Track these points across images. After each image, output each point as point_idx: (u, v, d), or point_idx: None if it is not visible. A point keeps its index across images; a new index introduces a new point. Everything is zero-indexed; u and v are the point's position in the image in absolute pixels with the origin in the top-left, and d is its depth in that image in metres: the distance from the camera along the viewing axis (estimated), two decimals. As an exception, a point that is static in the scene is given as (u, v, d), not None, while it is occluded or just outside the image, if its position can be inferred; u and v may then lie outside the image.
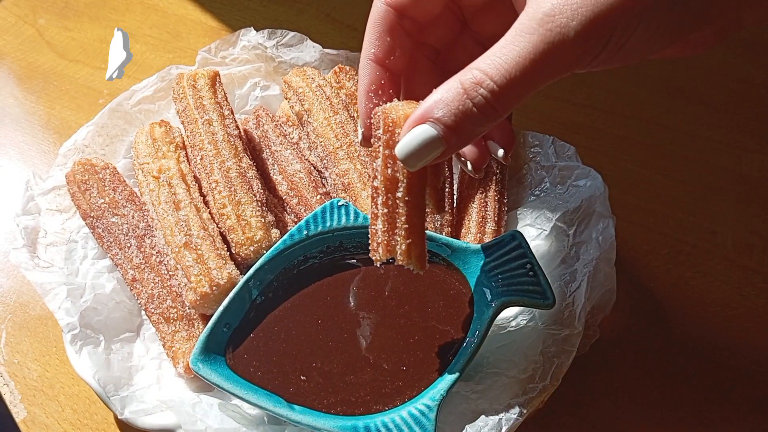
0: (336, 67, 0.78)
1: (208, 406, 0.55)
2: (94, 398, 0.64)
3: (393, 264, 0.47)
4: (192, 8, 1.06)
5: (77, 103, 0.93)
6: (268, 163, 0.74)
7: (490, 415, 0.53)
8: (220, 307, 0.57)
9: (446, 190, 0.70)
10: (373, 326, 0.57)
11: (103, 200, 0.68)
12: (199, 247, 0.62)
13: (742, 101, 0.88)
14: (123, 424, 0.61)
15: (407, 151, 0.41)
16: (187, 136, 0.70)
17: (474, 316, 0.56)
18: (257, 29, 0.85)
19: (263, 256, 0.60)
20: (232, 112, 0.72)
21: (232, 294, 0.58)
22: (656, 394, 0.63)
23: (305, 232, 0.61)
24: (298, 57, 0.84)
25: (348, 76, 0.78)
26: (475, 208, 0.69)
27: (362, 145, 0.51)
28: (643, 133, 0.85)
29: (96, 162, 0.72)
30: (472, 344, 0.54)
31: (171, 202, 0.65)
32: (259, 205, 0.66)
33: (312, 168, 0.73)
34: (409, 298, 0.58)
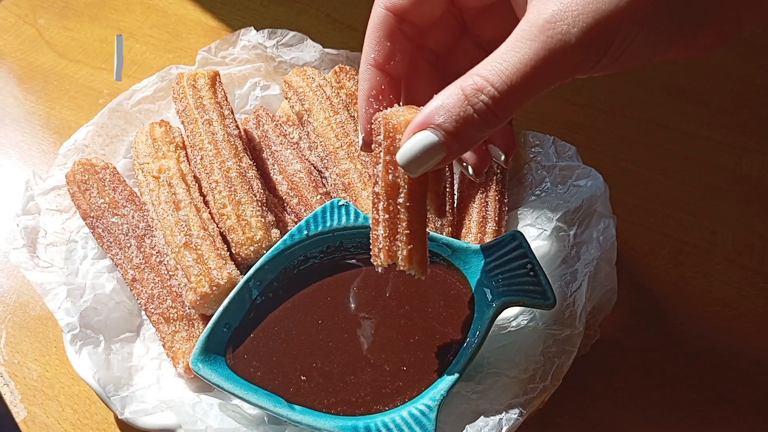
0: (336, 67, 0.78)
1: (208, 406, 0.55)
2: (94, 398, 0.64)
3: (394, 269, 0.47)
4: (192, 8, 1.06)
5: (77, 102, 0.93)
6: (269, 163, 0.74)
7: (490, 416, 0.53)
8: (220, 307, 0.57)
9: (447, 194, 0.70)
10: (373, 326, 0.57)
11: (103, 200, 0.68)
12: (199, 247, 0.62)
13: (742, 101, 0.88)
14: (123, 424, 0.61)
15: (408, 157, 0.42)
16: (187, 136, 0.70)
17: (474, 316, 0.56)
18: (257, 29, 0.85)
19: (263, 256, 0.60)
20: (232, 112, 0.72)
21: (232, 294, 0.58)
22: (656, 394, 0.63)
23: (305, 232, 0.61)
24: (299, 57, 0.84)
25: (348, 76, 0.78)
26: (476, 208, 0.69)
27: (363, 150, 0.51)
28: (644, 133, 0.85)
29: (96, 162, 0.72)
30: (472, 344, 0.54)
31: (171, 202, 0.65)
32: (260, 205, 0.66)
33: (312, 168, 0.73)
34: (410, 299, 0.58)
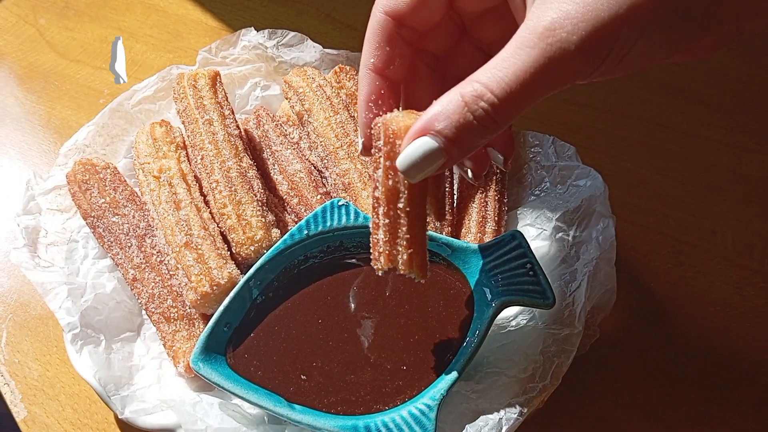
0: (336, 67, 0.79)
1: (208, 406, 0.55)
2: (95, 398, 0.64)
3: (395, 272, 0.47)
4: (192, 8, 1.06)
5: (78, 102, 0.93)
6: (269, 163, 0.74)
7: (490, 415, 0.53)
8: (221, 307, 0.57)
9: (447, 197, 0.70)
10: (373, 326, 0.57)
11: (103, 200, 0.68)
12: (200, 247, 0.62)
13: (742, 101, 0.88)
14: (123, 424, 0.61)
15: (408, 163, 0.42)
16: (188, 136, 0.71)
17: (474, 315, 0.56)
18: (258, 29, 0.85)
19: (264, 256, 0.60)
20: (233, 112, 0.72)
21: (232, 293, 0.58)
22: (656, 394, 0.63)
23: (306, 232, 0.61)
24: (299, 57, 0.84)
25: (348, 76, 0.78)
26: (476, 207, 0.69)
27: (362, 155, 0.51)
28: (643, 133, 0.85)
29: (97, 162, 0.72)
30: (472, 344, 0.54)
31: (171, 202, 0.65)
32: (260, 204, 0.66)
33: (312, 168, 0.73)
34: (410, 298, 0.58)
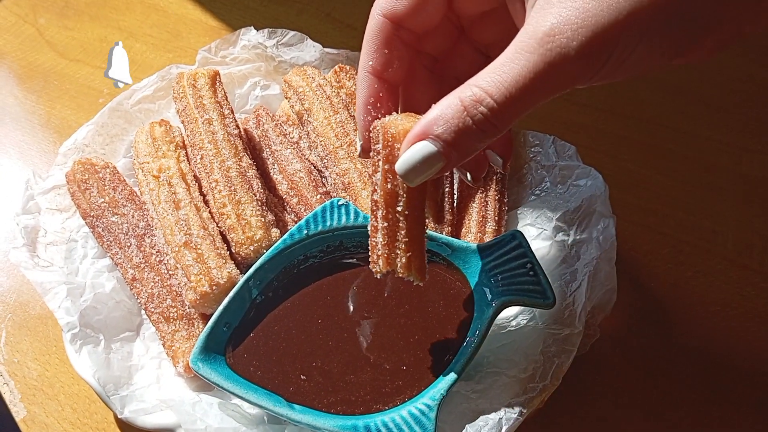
0: (336, 67, 0.78)
1: (207, 406, 0.55)
2: (94, 397, 0.64)
3: (393, 275, 0.47)
4: (192, 8, 1.06)
5: (77, 102, 0.93)
6: (268, 163, 0.74)
7: (490, 415, 0.53)
8: (220, 307, 0.57)
9: (446, 200, 0.70)
10: (373, 326, 0.57)
11: (103, 199, 0.68)
12: (199, 247, 0.62)
13: (742, 101, 0.88)
14: (123, 424, 0.61)
15: (407, 167, 0.42)
16: (187, 136, 0.70)
17: (474, 315, 0.56)
18: (257, 29, 0.85)
19: (263, 256, 0.60)
20: (232, 112, 0.72)
21: (232, 293, 0.58)
22: (656, 394, 0.63)
23: (305, 232, 0.61)
24: (299, 56, 0.84)
25: (348, 76, 0.78)
26: (476, 207, 0.69)
27: (361, 157, 0.51)
28: (644, 132, 0.85)
29: (96, 161, 0.72)
30: (472, 344, 0.54)
31: (171, 202, 0.65)
32: (259, 204, 0.66)
33: (312, 167, 0.73)
34: (410, 298, 0.58)
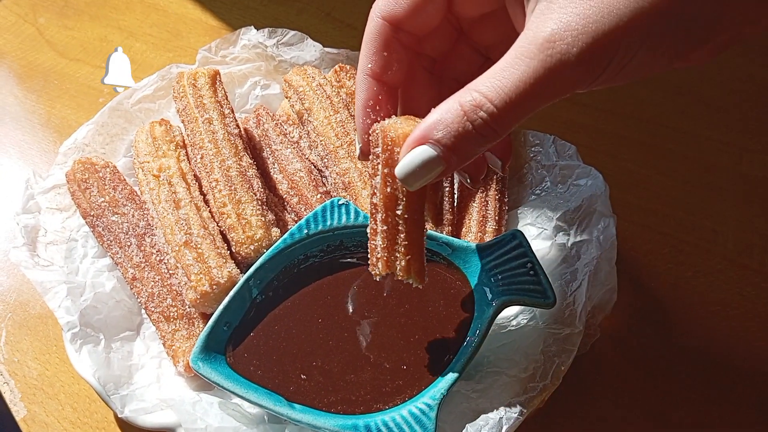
0: (336, 66, 0.78)
1: (208, 405, 0.55)
2: (94, 397, 0.64)
3: (393, 277, 0.47)
4: (192, 7, 1.06)
5: (77, 101, 0.93)
6: (269, 162, 0.74)
7: (490, 414, 0.53)
8: (221, 306, 0.57)
9: (445, 202, 0.70)
10: (373, 325, 0.57)
11: (103, 199, 0.68)
12: (200, 246, 0.62)
13: (742, 101, 0.88)
14: (123, 423, 0.61)
15: (407, 172, 0.42)
16: (188, 135, 0.70)
17: (474, 315, 0.56)
18: (257, 28, 0.85)
19: (263, 255, 0.60)
20: (233, 111, 0.72)
21: (232, 293, 0.58)
22: (656, 394, 0.63)
23: (306, 231, 0.61)
24: (299, 56, 0.84)
25: (348, 75, 0.78)
26: (476, 207, 0.69)
27: (360, 159, 0.51)
28: (644, 132, 0.85)
29: (96, 161, 0.72)
30: (472, 343, 0.54)
31: (171, 201, 0.65)
32: (260, 203, 0.66)
33: (312, 167, 0.73)
34: (410, 297, 0.58)
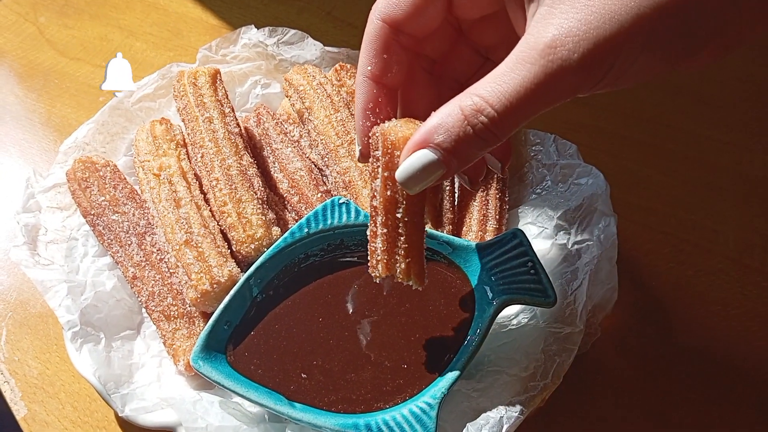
0: (337, 65, 0.78)
1: (208, 404, 0.55)
2: (95, 396, 0.64)
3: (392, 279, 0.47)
4: (192, 6, 1.06)
5: (78, 100, 0.93)
6: (269, 161, 0.74)
7: (491, 414, 0.53)
8: (221, 305, 0.57)
9: (446, 200, 0.70)
10: (373, 324, 0.57)
11: (103, 198, 0.68)
12: (200, 245, 0.62)
13: (743, 100, 0.88)
14: (123, 422, 0.61)
15: (407, 175, 0.42)
16: (188, 134, 0.70)
17: (475, 314, 0.56)
18: (258, 27, 0.85)
19: (264, 254, 0.60)
20: (233, 110, 0.72)
21: (232, 292, 0.58)
22: (656, 394, 0.63)
23: (306, 230, 0.61)
24: (299, 55, 0.84)
25: (349, 74, 0.78)
26: (477, 206, 0.69)
27: (360, 162, 0.51)
28: (645, 131, 0.85)
29: (96, 160, 0.72)
30: (473, 342, 0.53)
31: (172, 200, 0.65)
32: (260, 202, 0.66)
33: (313, 166, 0.73)
34: (410, 296, 0.58)
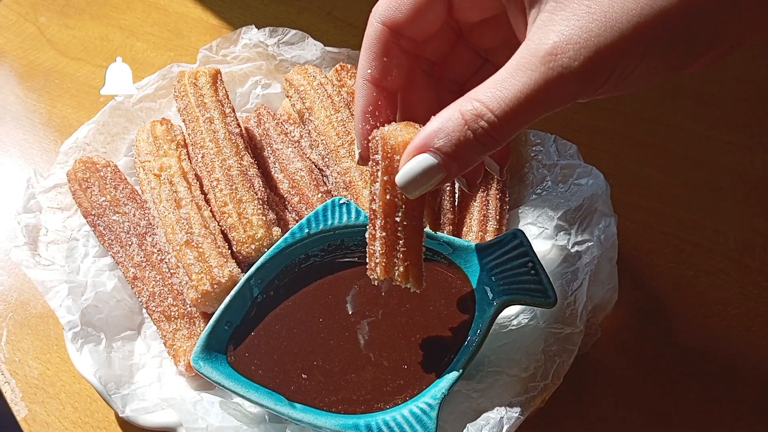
0: (337, 65, 0.78)
1: (209, 404, 0.55)
2: (95, 396, 0.64)
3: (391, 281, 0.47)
4: (193, 6, 1.06)
5: (78, 101, 0.93)
6: (270, 162, 0.74)
7: (491, 414, 0.53)
8: (222, 306, 0.57)
9: (446, 200, 0.70)
10: (374, 324, 0.57)
11: (104, 198, 0.68)
12: (201, 245, 0.62)
13: (744, 100, 0.88)
14: (124, 422, 0.61)
15: (407, 180, 0.42)
16: (189, 134, 0.70)
17: (475, 314, 0.56)
18: (258, 27, 0.85)
19: (264, 255, 0.60)
20: (234, 110, 0.72)
21: (233, 292, 0.58)
22: (657, 394, 0.63)
23: (306, 231, 0.61)
24: (300, 55, 0.84)
25: (349, 74, 0.78)
26: (477, 206, 0.69)
27: (360, 165, 0.51)
28: (645, 131, 0.85)
29: (97, 160, 0.72)
30: (473, 343, 0.54)
31: (172, 200, 0.65)
32: (261, 203, 0.66)
33: (313, 166, 0.73)
34: (411, 297, 0.58)
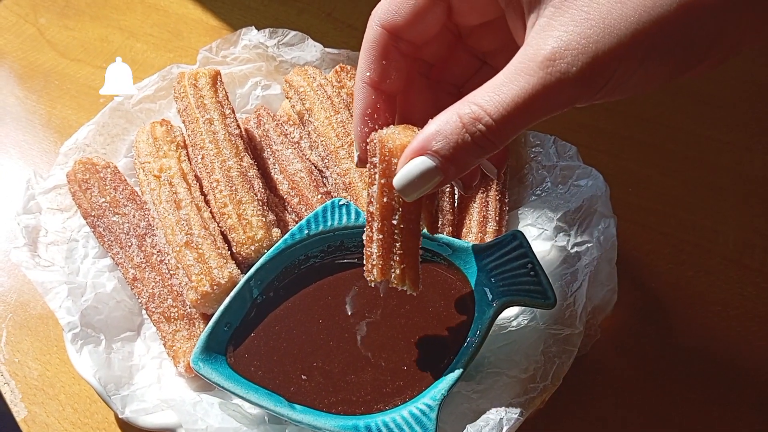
0: (337, 66, 0.78)
1: (208, 406, 0.55)
2: (95, 397, 0.64)
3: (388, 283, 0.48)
4: (193, 7, 1.06)
5: (78, 102, 0.93)
6: (269, 163, 0.74)
7: (491, 415, 0.53)
8: (221, 307, 0.57)
9: (446, 202, 0.70)
10: (373, 326, 0.57)
11: (104, 199, 0.68)
12: (200, 246, 0.62)
13: (744, 100, 0.88)
14: (124, 424, 0.61)
15: (405, 183, 0.42)
16: (188, 135, 0.70)
17: (475, 315, 0.56)
18: (258, 28, 0.85)
19: (264, 256, 0.60)
20: (233, 111, 0.72)
21: (233, 293, 0.58)
22: (657, 394, 0.63)
23: (306, 232, 0.61)
24: (300, 56, 0.84)
25: (349, 75, 0.78)
26: (476, 207, 0.69)
27: (358, 167, 0.51)
28: (645, 132, 0.85)
29: (97, 161, 0.72)
30: (473, 344, 0.54)
31: (172, 201, 0.65)
32: (260, 204, 0.66)
33: (313, 167, 0.73)
34: (410, 298, 0.58)
